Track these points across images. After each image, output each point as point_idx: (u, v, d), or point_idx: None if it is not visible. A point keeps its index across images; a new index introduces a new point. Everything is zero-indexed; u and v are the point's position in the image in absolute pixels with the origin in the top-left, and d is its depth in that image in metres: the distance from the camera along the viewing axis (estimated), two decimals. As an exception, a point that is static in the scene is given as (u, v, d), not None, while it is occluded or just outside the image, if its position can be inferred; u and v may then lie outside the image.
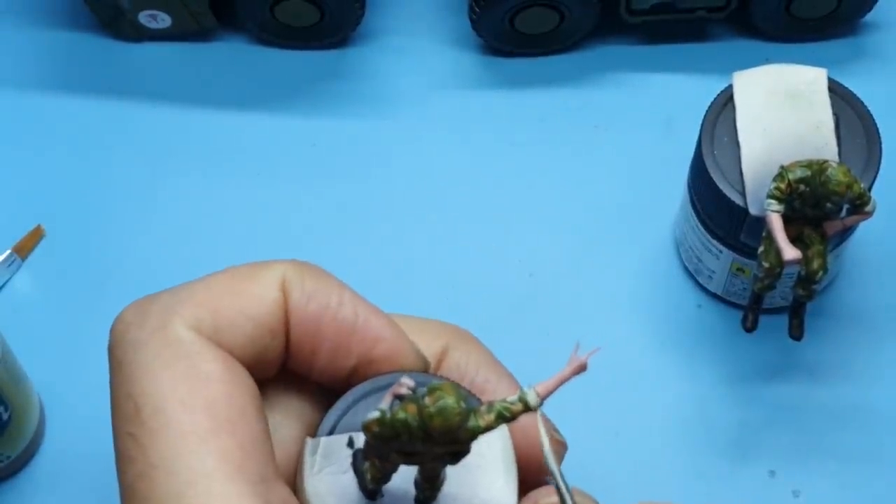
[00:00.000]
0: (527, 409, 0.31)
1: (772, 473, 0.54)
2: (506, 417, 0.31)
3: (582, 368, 0.31)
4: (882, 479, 0.54)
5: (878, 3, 0.63)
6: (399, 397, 0.32)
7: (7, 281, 0.59)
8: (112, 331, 0.35)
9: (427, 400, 0.30)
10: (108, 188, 0.61)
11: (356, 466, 0.34)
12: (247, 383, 0.34)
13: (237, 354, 0.35)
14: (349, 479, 0.35)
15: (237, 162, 0.62)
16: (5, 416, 0.52)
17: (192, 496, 0.32)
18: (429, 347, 0.38)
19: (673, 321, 0.58)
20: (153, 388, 0.33)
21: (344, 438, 0.35)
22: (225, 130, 0.63)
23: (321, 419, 0.36)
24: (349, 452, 0.35)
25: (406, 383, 0.32)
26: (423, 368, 0.37)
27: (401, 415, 0.31)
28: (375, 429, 0.31)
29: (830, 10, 0.62)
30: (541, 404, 0.31)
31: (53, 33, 0.65)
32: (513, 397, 0.31)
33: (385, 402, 0.32)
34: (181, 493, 0.32)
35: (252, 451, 0.33)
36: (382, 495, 0.34)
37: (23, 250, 0.59)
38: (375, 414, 0.31)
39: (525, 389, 0.31)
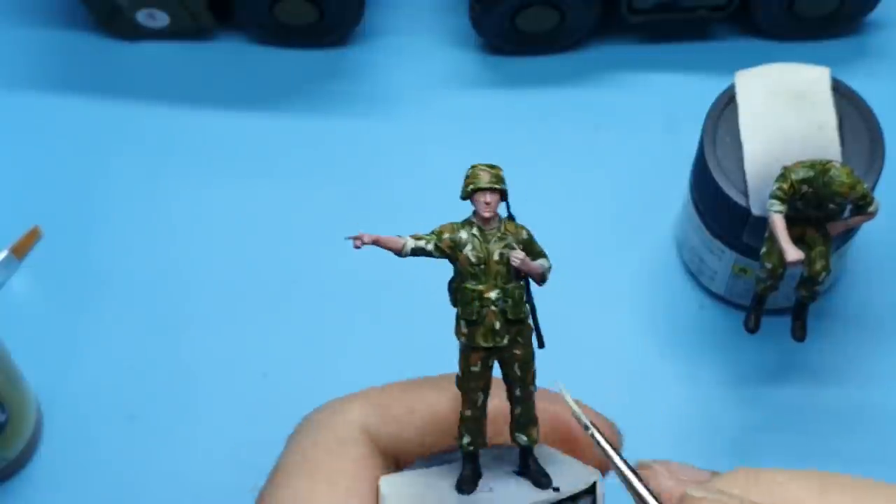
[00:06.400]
0: None
1: (774, 476, 0.54)
2: None
3: None
4: (887, 481, 0.54)
5: (881, 2, 0.62)
6: None
7: (4, 282, 0.58)
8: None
9: None
10: (105, 188, 0.61)
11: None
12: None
13: (393, 444, 0.37)
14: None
15: (236, 161, 0.62)
16: (2, 418, 0.52)
17: None
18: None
19: (674, 322, 0.58)
20: (298, 451, 0.36)
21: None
22: (223, 130, 0.62)
23: None
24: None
25: None
26: None
27: None
28: None
29: (833, 8, 0.62)
30: None
31: (50, 32, 0.65)
32: None
33: None
34: None
35: None
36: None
37: (20, 251, 0.59)
38: None
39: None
